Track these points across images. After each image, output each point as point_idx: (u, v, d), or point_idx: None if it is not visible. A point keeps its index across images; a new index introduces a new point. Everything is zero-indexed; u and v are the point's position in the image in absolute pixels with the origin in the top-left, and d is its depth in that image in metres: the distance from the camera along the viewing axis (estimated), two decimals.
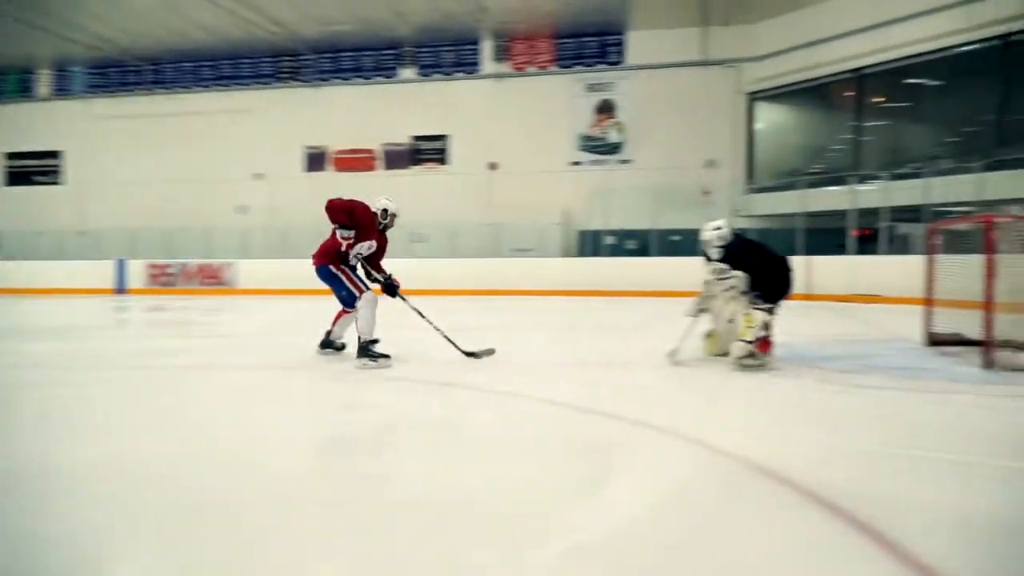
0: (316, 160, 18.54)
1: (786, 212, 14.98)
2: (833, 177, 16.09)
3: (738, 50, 16.94)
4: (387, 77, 18.31)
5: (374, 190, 19.60)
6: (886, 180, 13.20)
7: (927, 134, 16.83)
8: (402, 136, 18.62)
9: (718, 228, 4.81)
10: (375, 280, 5.03)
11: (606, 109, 17.96)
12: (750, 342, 4.46)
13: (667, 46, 17.24)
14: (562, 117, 18.14)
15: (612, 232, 16.78)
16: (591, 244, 16.76)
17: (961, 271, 5.42)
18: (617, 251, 16.57)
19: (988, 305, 4.43)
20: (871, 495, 1.98)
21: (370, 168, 18.65)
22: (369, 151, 18.73)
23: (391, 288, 4.99)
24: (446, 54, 18.00)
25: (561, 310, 10.69)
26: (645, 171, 17.68)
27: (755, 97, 17.60)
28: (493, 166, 18.51)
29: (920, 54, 14.89)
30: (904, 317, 5.66)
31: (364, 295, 4.86)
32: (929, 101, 16.15)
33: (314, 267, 4.91)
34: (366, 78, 18.44)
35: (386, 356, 4.69)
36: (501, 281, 15.20)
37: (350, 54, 18.45)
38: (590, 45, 17.55)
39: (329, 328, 5.17)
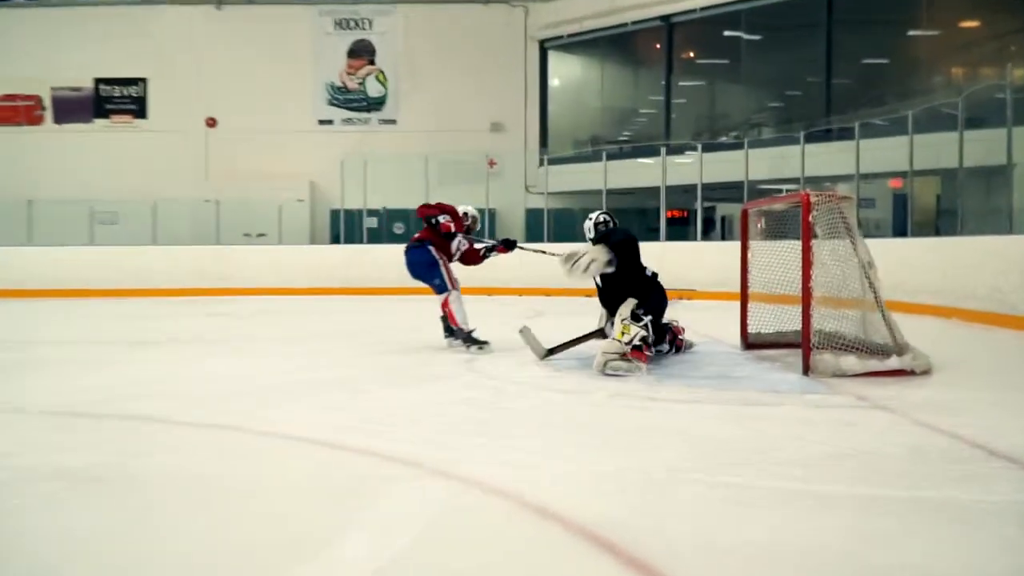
0: None
1: (587, 189, 16.21)
2: (641, 147, 17.57)
3: None
4: None
5: (41, 152, 17.73)
6: (701, 152, 14.78)
7: (747, 97, 19.87)
8: (81, 78, 18.43)
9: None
10: (489, 249, 7.40)
11: (363, 53, 18.72)
12: (624, 343, 5.36)
13: None
14: (305, 61, 18.60)
15: (374, 212, 17.36)
16: (347, 227, 17.17)
17: (780, 260, 6.19)
18: (380, 236, 17.14)
19: (805, 301, 5.11)
20: (651, 531, 2.30)
21: (34, 121, 18.36)
22: (32, 98, 18.51)
23: (508, 242, 7.43)
24: None
25: (303, 312, 11.37)
26: (415, 135, 18.52)
27: (548, 46, 18.82)
28: (211, 123, 18.75)
29: (735, 1, 16.90)
30: (720, 315, 6.76)
31: (454, 290, 7.07)
32: (749, 58, 17.85)
33: (412, 252, 7.03)
34: None
35: (486, 342, 6.80)
36: (222, 276, 15.38)
37: None
38: None
39: (454, 326, 7.08)
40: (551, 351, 6.24)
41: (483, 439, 3.54)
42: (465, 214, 7.35)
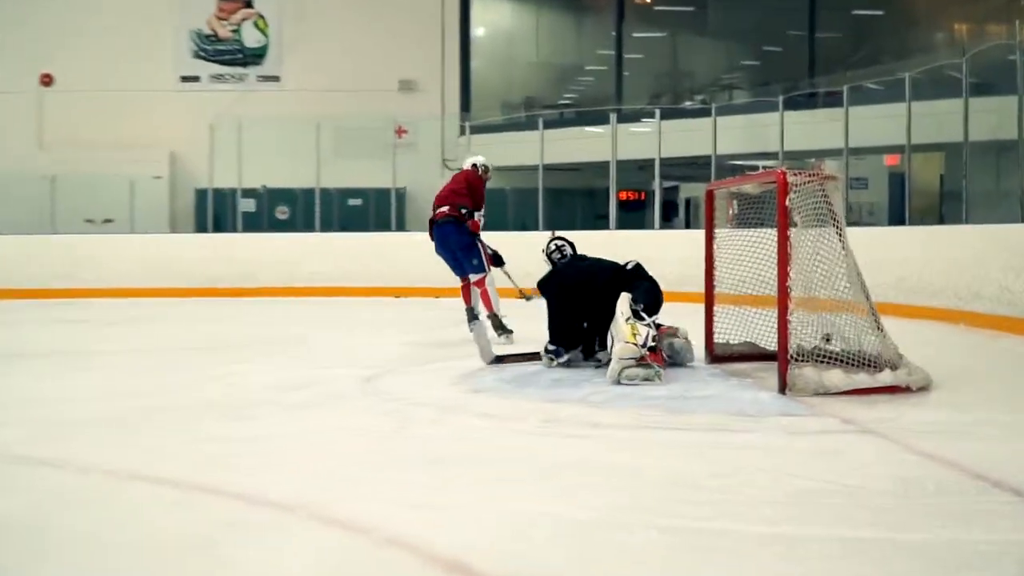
0: None
1: (520, 164, 16.16)
2: (587, 113, 17.76)
3: None
4: None
5: None
6: (660, 119, 14.81)
7: (715, 53, 19.23)
8: None
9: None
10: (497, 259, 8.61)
11: None
12: (640, 346, 5.67)
13: None
14: (164, 2, 18.58)
15: (251, 193, 17.29)
16: (218, 211, 17.13)
17: (752, 254, 6.30)
18: (258, 222, 17.09)
19: (782, 303, 5.21)
20: None
21: None
22: None
23: (497, 258, 8.57)
24: None
25: (158, 320, 11.39)
26: (303, 95, 18.47)
27: None
28: (46, 80, 18.61)
29: None
30: (681, 321, 6.92)
31: (489, 273, 8.40)
32: (718, 6, 18.17)
33: (450, 227, 8.39)
34: None
35: (511, 331, 8.12)
36: (55, 274, 15.15)
37: None
38: None
39: (470, 306, 8.62)
40: (500, 358, 6.58)
41: (381, 476, 3.52)
42: (485, 168, 8.93)
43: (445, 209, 8.46)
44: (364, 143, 17.47)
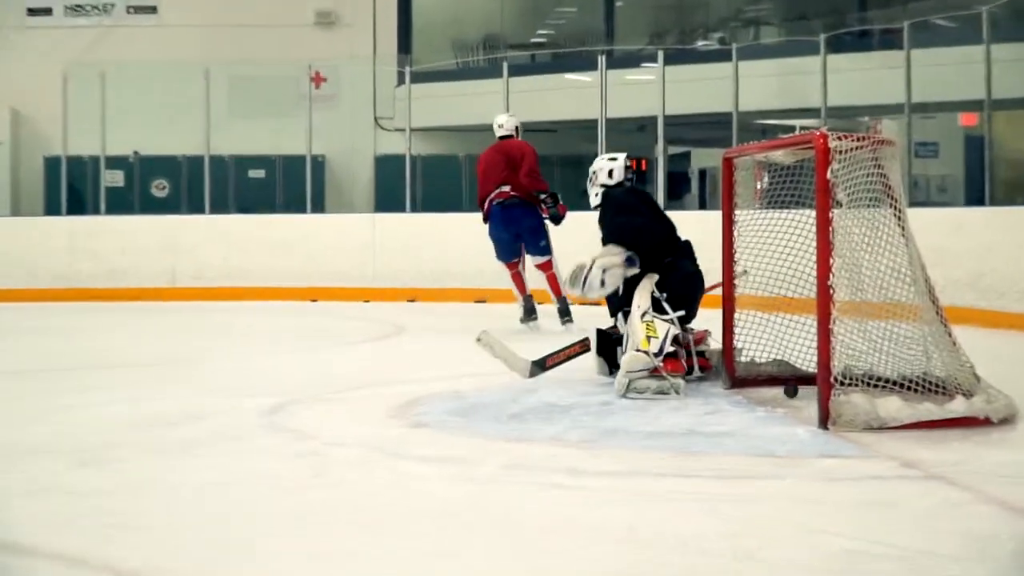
0: None
1: (478, 123, 15.65)
2: (567, 56, 18.15)
3: None
4: None
5: None
6: (663, 65, 14.80)
7: None
8: None
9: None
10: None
11: None
12: (654, 354, 6.07)
13: None
14: None
15: (119, 162, 17.35)
16: (76, 187, 17.06)
17: (785, 243, 6.35)
18: (129, 200, 17.24)
19: (823, 307, 5.23)
20: None
21: None
22: None
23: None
24: None
25: None
26: (188, 33, 18.61)
27: None
28: None
29: None
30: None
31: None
32: None
33: (516, 208, 10.35)
34: None
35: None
36: None
37: None
38: None
39: (557, 296, 10.34)
40: (541, 364, 6.86)
41: (286, 545, 3.48)
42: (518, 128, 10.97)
43: (506, 189, 10.38)
44: (269, 95, 17.66)
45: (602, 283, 6.81)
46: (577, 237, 7.78)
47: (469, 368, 7.37)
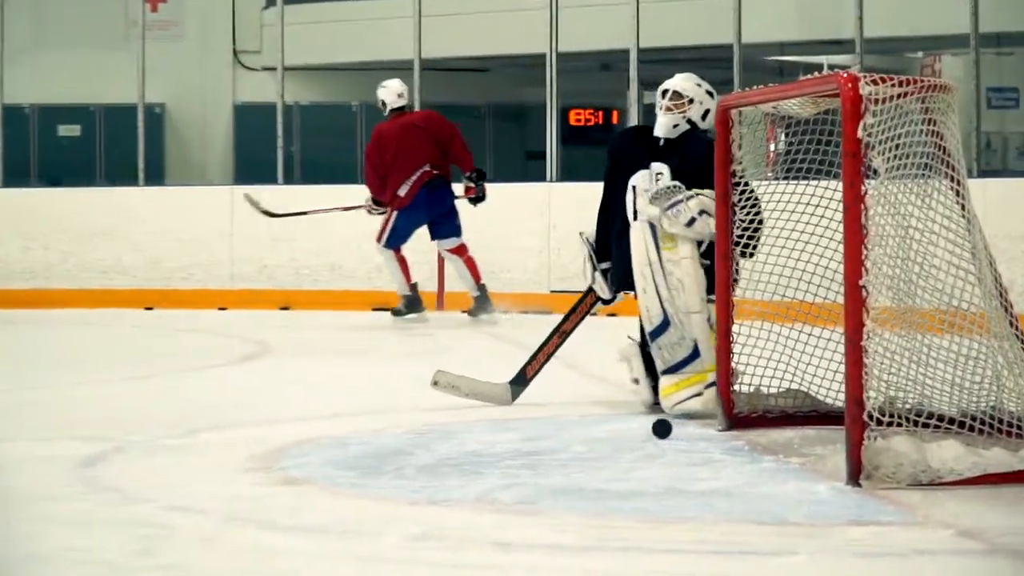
0: None
1: (373, 59, 17.07)
2: None
3: None
4: None
5: None
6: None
7: None
8: None
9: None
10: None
11: None
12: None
13: None
14: None
15: None
16: None
17: (800, 224, 6.55)
18: None
19: (853, 316, 5.33)
20: None
21: None
22: None
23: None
24: None
25: None
26: None
27: None
28: None
29: None
30: None
31: None
32: None
33: (441, 189, 12.10)
34: None
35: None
36: None
37: None
38: None
39: (477, 283, 11.91)
40: (521, 379, 7.33)
41: None
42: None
43: (430, 168, 12.04)
44: (85, 25, 17.52)
45: (690, 222, 7.09)
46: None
47: (362, 401, 7.40)
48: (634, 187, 7.56)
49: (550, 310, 10.97)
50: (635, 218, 7.34)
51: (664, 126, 7.71)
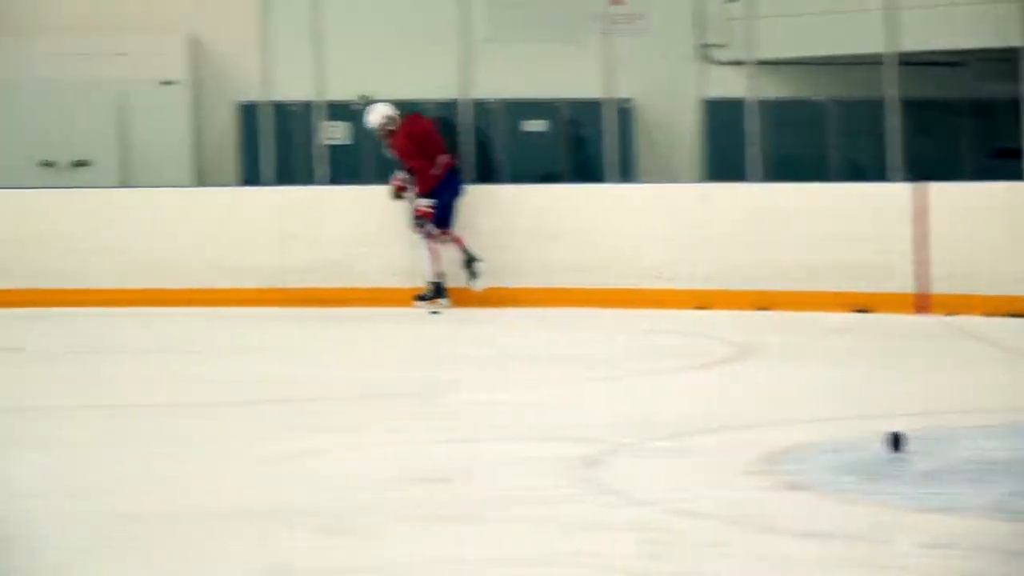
0: None
1: (843, 56, 16.90)
2: None
3: None
4: None
5: None
6: None
7: None
8: None
9: None
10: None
11: None
12: None
13: None
14: None
15: (340, 108, 17.92)
16: (280, 147, 17.60)
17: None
18: (353, 163, 18.00)
19: None
20: None
21: None
22: None
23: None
24: None
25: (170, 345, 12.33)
26: None
27: None
28: None
29: None
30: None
31: None
32: None
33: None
34: None
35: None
36: None
37: None
38: None
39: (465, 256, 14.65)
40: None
41: None
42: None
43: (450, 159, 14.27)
44: (548, 18, 17.93)
45: None
46: None
47: (854, 406, 7.36)
48: None
49: None
50: None
51: None
